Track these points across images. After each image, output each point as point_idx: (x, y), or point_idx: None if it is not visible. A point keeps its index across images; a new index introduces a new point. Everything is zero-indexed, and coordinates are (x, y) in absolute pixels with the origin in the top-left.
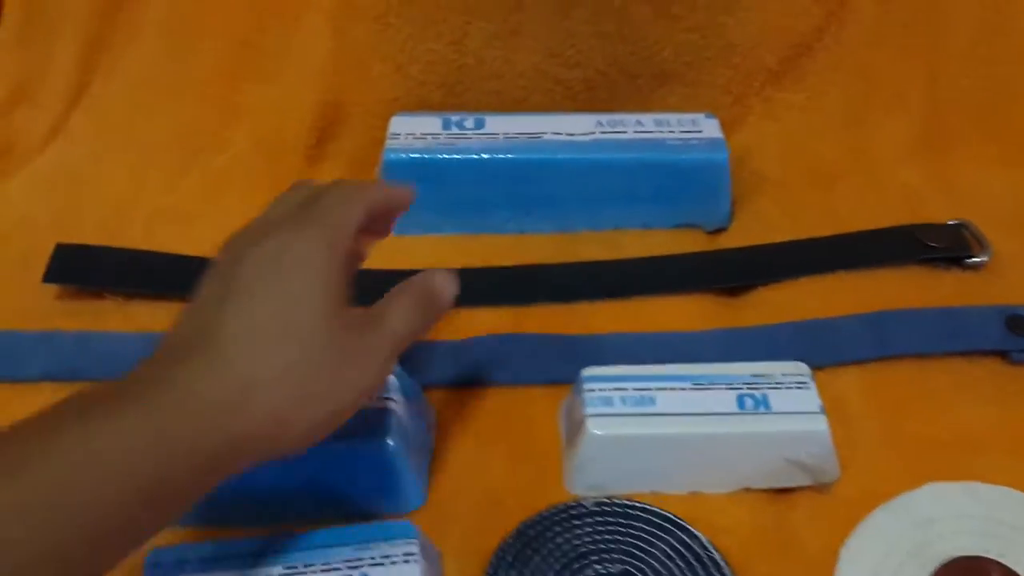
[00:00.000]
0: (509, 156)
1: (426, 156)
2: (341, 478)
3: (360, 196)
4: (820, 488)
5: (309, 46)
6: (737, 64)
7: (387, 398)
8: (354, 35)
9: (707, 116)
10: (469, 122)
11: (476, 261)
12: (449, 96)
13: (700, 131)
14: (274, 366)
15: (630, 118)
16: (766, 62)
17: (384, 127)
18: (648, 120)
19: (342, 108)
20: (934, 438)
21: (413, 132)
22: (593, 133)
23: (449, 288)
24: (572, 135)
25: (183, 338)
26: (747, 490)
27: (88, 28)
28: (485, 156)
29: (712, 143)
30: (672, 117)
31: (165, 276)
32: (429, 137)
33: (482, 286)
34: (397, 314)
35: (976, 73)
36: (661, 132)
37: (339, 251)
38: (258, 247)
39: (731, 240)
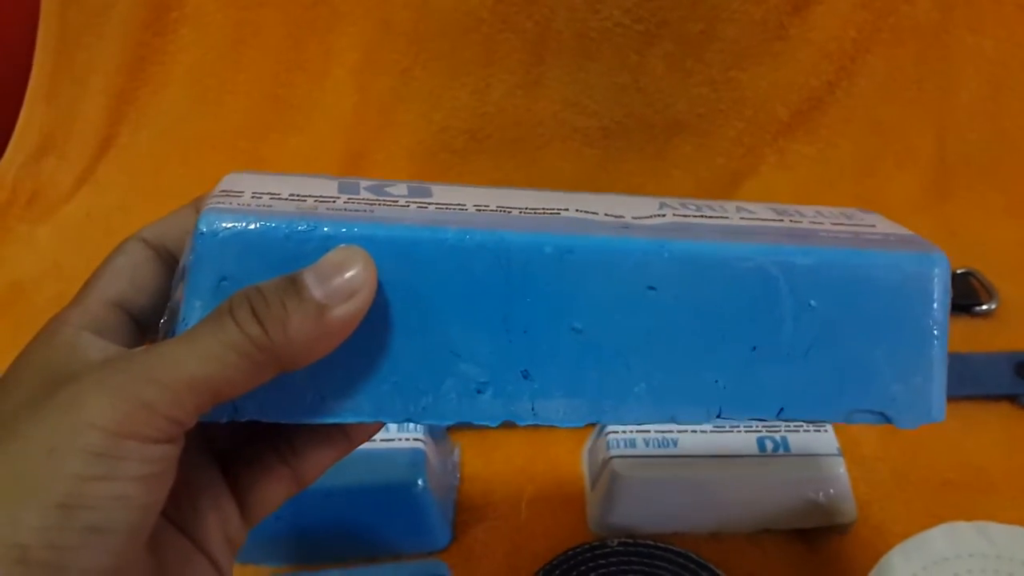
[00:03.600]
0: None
1: None
2: (372, 518)
3: None
4: (839, 529)
5: (334, 98)
6: (750, 116)
7: (416, 439)
8: (378, 88)
9: None
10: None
11: None
12: (471, 141)
13: None
14: None
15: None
16: (779, 115)
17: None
18: None
19: (366, 156)
20: (946, 480)
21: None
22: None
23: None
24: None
25: None
26: (767, 531)
27: (115, 81)
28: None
29: None
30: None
31: None
32: None
33: None
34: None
35: (983, 127)
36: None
37: None
38: None
39: None
